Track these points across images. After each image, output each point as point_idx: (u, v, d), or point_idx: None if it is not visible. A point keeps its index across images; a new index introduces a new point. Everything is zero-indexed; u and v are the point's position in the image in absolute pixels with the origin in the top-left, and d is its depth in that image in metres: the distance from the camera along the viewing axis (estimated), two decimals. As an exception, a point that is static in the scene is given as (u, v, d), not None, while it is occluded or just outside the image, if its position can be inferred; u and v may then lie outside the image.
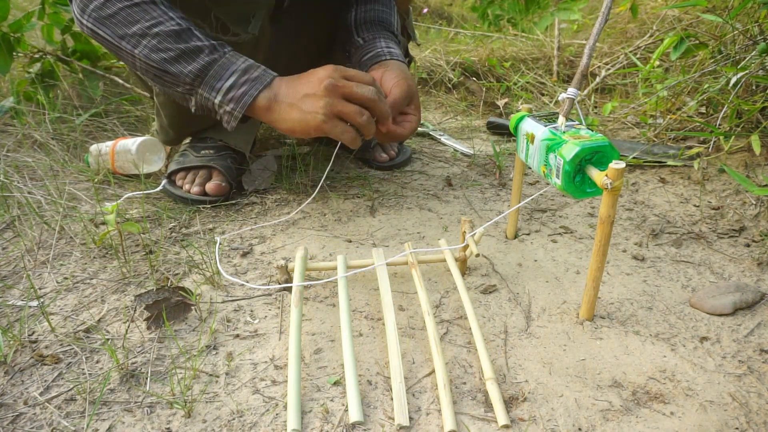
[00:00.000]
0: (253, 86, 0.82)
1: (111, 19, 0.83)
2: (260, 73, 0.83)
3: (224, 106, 0.84)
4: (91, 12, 0.83)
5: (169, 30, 0.82)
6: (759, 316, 0.77)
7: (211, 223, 1.01)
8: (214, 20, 0.90)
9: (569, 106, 0.75)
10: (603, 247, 0.69)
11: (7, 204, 1.03)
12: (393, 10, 1.10)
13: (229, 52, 0.84)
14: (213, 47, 0.83)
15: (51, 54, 1.54)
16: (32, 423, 0.59)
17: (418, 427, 0.59)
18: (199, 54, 0.82)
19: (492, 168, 1.28)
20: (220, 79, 0.83)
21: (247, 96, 0.82)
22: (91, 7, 0.83)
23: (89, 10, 0.83)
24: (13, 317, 0.75)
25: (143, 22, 0.82)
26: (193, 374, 0.66)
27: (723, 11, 1.33)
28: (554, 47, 1.97)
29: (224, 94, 0.83)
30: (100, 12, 0.83)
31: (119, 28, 0.83)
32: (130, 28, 0.82)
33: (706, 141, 1.30)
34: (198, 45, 0.82)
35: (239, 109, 0.83)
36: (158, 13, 0.82)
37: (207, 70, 0.82)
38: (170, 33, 0.82)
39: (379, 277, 0.77)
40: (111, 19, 0.83)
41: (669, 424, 0.59)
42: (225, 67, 0.82)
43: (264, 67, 0.85)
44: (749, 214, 1.04)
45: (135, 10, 0.82)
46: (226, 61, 0.83)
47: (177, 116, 1.09)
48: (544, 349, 0.71)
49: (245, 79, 0.82)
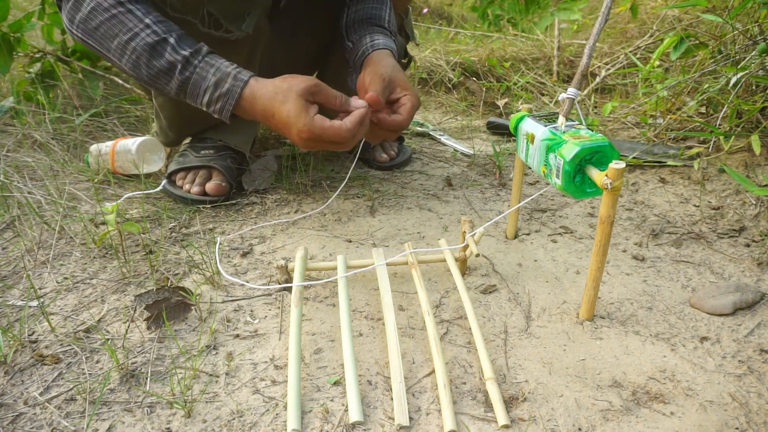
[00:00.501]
0: (227, 102, 0.82)
1: (96, 32, 0.83)
2: (230, 86, 0.81)
3: (213, 115, 0.85)
4: (78, 24, 0.84)
5: (144, 45, 0.81)
6: (759, 316, 0.77)
7: (211, 223, 1.01)
8: (206, 15, 0.89)
9: (569, 106, 0.75)
10: (603, 247, 0.69)
11: (7, 204, 1.03)
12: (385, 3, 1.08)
13: (199, 64, 0.82)
14: (185, 61, 0.81)
15: (51, 54, 1.54)
16: (32, 423, 0.59)
17: (418, 427, 0.59)
18: (173, 72, 0.81)
19: (492, 168, 1.28)
20: (197, 96, 0.83)
21: (225, 111, 0.83)
22: (77, 20, 0.83)
23: (76, 22, 0.84)
24: (13, 317, 0.75)
25: (121, 35, 0.81)
26: (193, 374, 0.66)
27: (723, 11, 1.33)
28: (554, 47, 1.97)
29: (207, 107, 0.84)
30: (85, 25, 0.83)
31: (104, 41, 0.83)
32: (112, 42, 0.82)
33: (706, 141, 1.30)
34: (171, 61, 0.81)
35: (225, 118, 0.84)
36: (134, 23, 0.81)
37: (184, 88, 0.83)
38: (145, 48, 0.81)
39: (379, 277, 0.77)
40: (96, 32, 0.83)
41: (669, 424, 0.59)
42: (197, 84, 0.82)
43: (234, 73, 0.82)
44: (749, 214, 1.04)
45: (113, 23, 0.81)
46: (197, 78, 0.82)
47: (176, 117, 1.09)
48: (544, 349, 0.71)
49: (218, 94, 0.82)
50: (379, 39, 0.98)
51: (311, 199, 1.11)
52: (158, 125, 1.15)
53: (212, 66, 0.82)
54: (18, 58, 1.56)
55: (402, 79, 0.90)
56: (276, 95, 0.79)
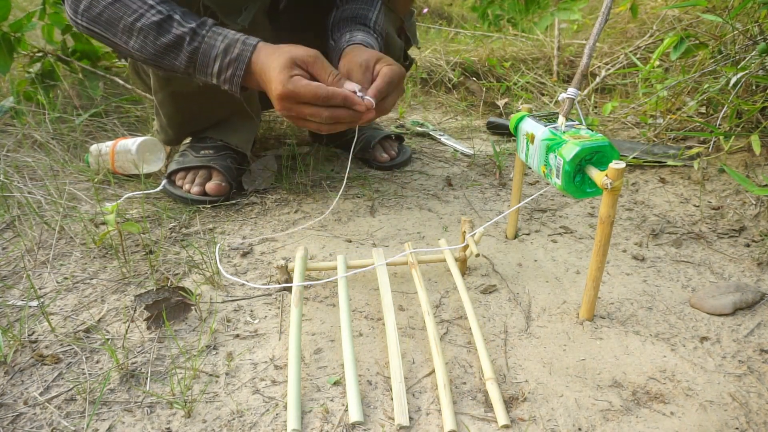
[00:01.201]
0: (237, 67, 0.82)
1: (100, 18, 0.83)
2: (240, 50, 0.82)
3: (223, 86, 0.85)
4: (82, 12, 0.84)
5: (150, 23, 0.82)
6: (759, 316, 0.77)
7: (211, 223, 1.01)
8: (202, 8, 0.90)
9: (569, 106, 0.75)
10: (603, 247, 0.69)
11: (7, 204, 1.03)
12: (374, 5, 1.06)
13: (207, 33, 0.83)
14: (193, 32, 0.82)
15: (51, 54, 1.54)
16: (32, 423, 0.59)
17: (418, 427, 0.59)
18: (181, 45, 0.82)
19: (492, 168, 1.28)
20: (207, 65, 0.83)
21: (236, 78, 0.83)
22: (81, 9, 0.84)
23: (80, 11, 0.84)
24: (13, 317, 0.75)
25: (126, 17, 0.82)
26: (193, 374, 0.66)
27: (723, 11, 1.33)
28: (554, 47, 1.97)
29: (217, 78, 0.84)
30: (89, 12, 0.84)
31: (109, 26, 0.83)
32: (118, 25, 0.83)
33: (706, 141, 1.30)
34: (178, 35, 0.82)
35: (235, 88, 0.84)
36: (138, 4, 0.82)
37: (194, 60, 0.83)
38: (152, 26, 0.82)
39: (379, 277, 0.77)
40: (100, 17, 0.83)
41: (669, 424, 0.59)
42: (207, 53, 0.82)
43: (243, 39, 0.82)
44: (749, 214, 1.04)
45: (117, 6, 0.82)
46: (206, 47, 0.82)
47: (175, 116, 1.09)
48: (544, 349, 0.71)
49: (228, 60, 0.82)
50: (358, 35, 0.96)
51: (311, 199, 1.11)
52: (158, 123, 1.15)
53: (220, 34, 0.83)
54: (18, 58, 1.56)
55: (378, 56, 0.87)
56: (275, 51, 0.80)
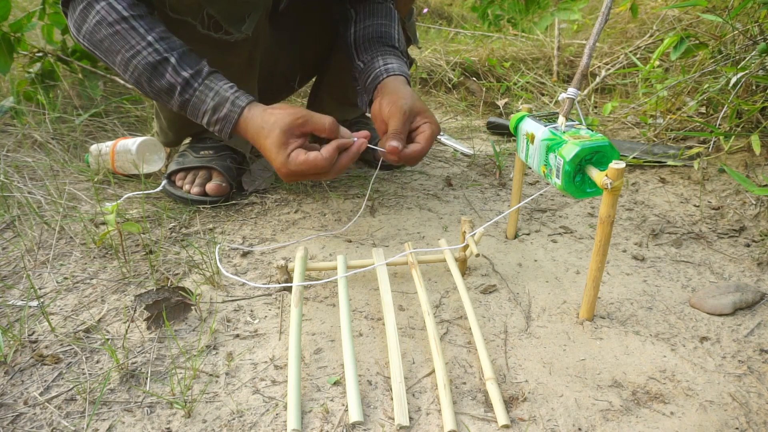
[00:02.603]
0: (224, 126, 0.84)
1: (101, 45, 0.83)
2: (228, 111, 0.83)
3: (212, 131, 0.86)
4: (84, 35, 0.84)
5: (145, 63, 0.82)
6: (759, 316, 0.77)
7: (211, 223, 1.01)
8: (206, 18, 0.89)
9: (569, 106, 0.75)
10: (603, 247, 0.69)
11: (7, 204, 1.03)
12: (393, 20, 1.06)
13: (199, 87, 0.83)
14: (185, 83, 0.82)
15: (51, 54, 1.54)
16: (32, 423, 0.59)
17: (418, 427, 0.59)
18: (173, 93, 0.83)
19: (492, 168, 1.28)
20: (197, 116, 0.85)
21: (224, 133, 0.85)
22: (84, 31, 0.84)
23: (83, 33, 0.84)
24: (13, 317, 0.75)
25: (123, 52, 0.82)
26: (193, 374, 0.66)
27: (723, 11, 1.33)
28: (554, 47, 1.97)
29: (206, 126, 0.86)
30: (91, 36, 0.84)
31: (108, 54, 0.84)
32: (116, 57, 0.83)
33: (706, 141, 1.30)
34: (171, 83, 0.82)
35: (225, 137, 0.86)
36: (136, 40, 0.81)
37: (184, 108, 0.85)
38: (147, 67, 0.82)
39: (379, 277, 0.77)
40: (101, 44, 0.83)
41: (669, 424, 0.59)
42: (197, 107, 0.84)
43: (233, 99, 0.83)
44: (749, 214, 1.04)
45: (116, 38, 0.82)
46: (197, 101, 0.83)
47: (175, 119, 1.09)
48: (544, 349, 0.71)
49: (216, 118, 0.83)
50: (393, 63, 0.97)
51: (311, 199, 1.11)
52: (158, 125, 1.15)
53: (211, 90, 0.83)
54: (18, 58, 1.56)
55: (420, 107, 0.89)
56: (262, 129, 0.80)
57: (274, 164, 0.81)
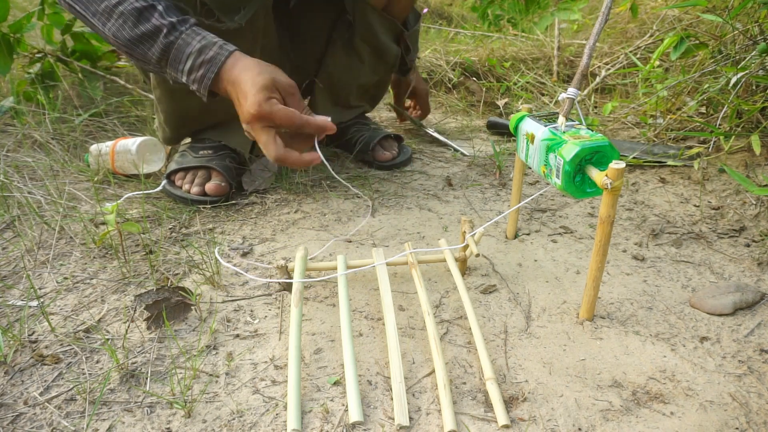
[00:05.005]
0: (209, 69, 0.80)
1: None
2: (215, 53, 0.80)
3: (191, 86, 0.83)
4: None
5: (131, 9, 0.79)
6: (759, 316, 0.77)
7: (211, 223, 1.01)
8: (198, 5, 0.89)
9: (569, 106, 0.75)
10: (603, 247, 0.69)
11: (7, 204, 1.03)
12: None
13: (186, 30, 0.81)
14: (171, 26, 0.80)
15: (51, 54, 1.54)
16: (32, 423, 0.59)
17: (418, 427, 0.59)
18: (157, 36, 0.80)
19: (492, 168, 1.28)
20: (179, 62, 0.81)
21: (205, 80, 0.81)
22: None
23: None
24: (13, 317, 0.75)
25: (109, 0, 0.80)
26: (193, 374, 0.66)
27: (723, 11, 1.33)
28: (554, 47, 1.97)
29: (187, 75, 0.82)
30: None
31: (90, 4, 0.81)
32: (99, 5, 0.80)
33: (706, 141, 1.30)
34: (156, 25, 0.80)
35: (203, 91, 0.83)
36: None
37: (167, 53, 0.81)
38: (132, 12, 0.79)
39: (379, 277, 0.77)
40: None
41: (669, 424, 0.59)
42: (181, 49, 0.81)
43: (221, 43, 0.81)
44: (749, 214, 1.04)
45: None
46: (182, 43, 0.80)
47: (172, 113, 1.08)
48: (544, 349, 0.71)
49: (201, 60, 0.80)
50: None
51: (311, 199, 1.11)
52: (157, 120, 1.14)
53: (198, 34, 0.81)
54: (18, 58, 1.56)
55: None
56: (257, 66, 0.79)
57: (246, 100, 0.77)
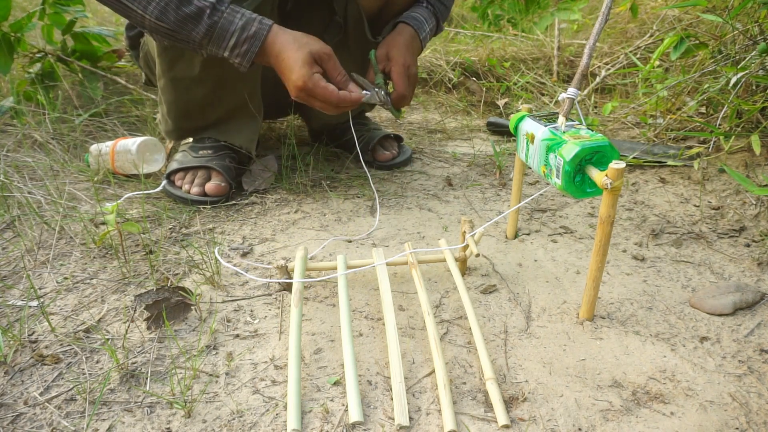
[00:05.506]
0: (253, 44, 0.89)
1: None
2: (257, 29, 0.88)
3: (234, 60, 0.91)
4: None
5: None
6: (759, 316, 0.77)
7: (211, 223, 1.01)
8: None
9: (569, 106, 0.75)
10: (603, 247, 0.69)
11: (7, 204, 1.03)
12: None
13: (226, 10, 0.88)
14: (213, 6, 0.87)
15: (51, 54, 1.54)
16: (32, 423, 0.59)
17: (418, 427, 0.59)
18: (201, 17, 0.86)
19: (492, 168, 1.28)
20: (223, 39, 0.88)
21: (249, 54, 0.90)
22: None
23: None
24: (13, 317, 0.75)
25: None
26: (193, 374, 0.66)
27: (723, 11, 1.33)
28: (554, 47, 1.97)
29: (231, 51, 0.90)
30: None
31: None
32: None
33: (706, 141, 1.30)
34: (199, 6, 0.86)
35: (246, 63, 0.90)
36: None
37: (211, 33, 0.88)
38: None
39: (379, 277, 0.77)
40: None
41: (669, 424, 0.59)
42: (225, 28, 0.88)
43: (259, 18, 0.89)
44: (749, 214, 1.04)
45: None
46: (225, 22, 0.87)
47: (175, 103, 1.08)
48: (544, 349, 0.71)
49: (245, 36, 0.88)
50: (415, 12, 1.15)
51: (311, 199, 1.11)
52: (160, 112, 1.14)
53: (238, 12, 0.88)
54: (18, 58, 1.56)
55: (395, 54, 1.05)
56: (294, 42, 0.89)
57: (293, 74, 0.87)
